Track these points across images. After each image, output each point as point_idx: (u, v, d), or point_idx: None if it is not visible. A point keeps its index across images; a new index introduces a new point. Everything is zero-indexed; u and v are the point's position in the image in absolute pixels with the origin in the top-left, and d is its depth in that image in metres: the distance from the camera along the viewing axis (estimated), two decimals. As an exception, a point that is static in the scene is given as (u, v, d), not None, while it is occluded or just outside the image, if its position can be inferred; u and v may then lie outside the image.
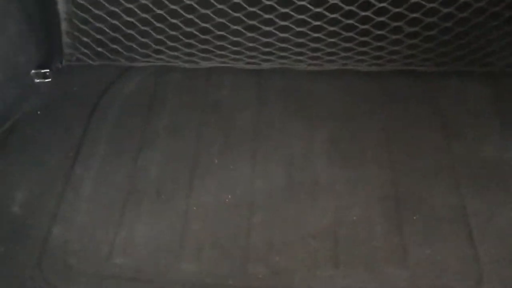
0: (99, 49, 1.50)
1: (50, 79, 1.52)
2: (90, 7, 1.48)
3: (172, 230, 1.13)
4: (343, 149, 1.28)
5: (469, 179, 1.21)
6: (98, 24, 1.48)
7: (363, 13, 1.39)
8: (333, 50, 1.45)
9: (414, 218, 1.13)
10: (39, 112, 1.44)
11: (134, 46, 1.50)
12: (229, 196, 1.19)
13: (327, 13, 1.41)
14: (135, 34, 1.47)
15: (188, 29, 1.46)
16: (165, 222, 1.15)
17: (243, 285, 1.02)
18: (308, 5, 1.40)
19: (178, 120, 1.40)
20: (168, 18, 1.46)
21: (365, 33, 1.43)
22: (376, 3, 1.37)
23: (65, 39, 1.54)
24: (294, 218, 1.14)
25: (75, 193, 1.23)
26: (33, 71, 1.51)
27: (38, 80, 1.51)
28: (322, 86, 1.46)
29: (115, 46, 1.49)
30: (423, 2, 1.36)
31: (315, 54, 1.47)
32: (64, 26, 1.50)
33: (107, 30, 1.48)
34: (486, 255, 1.07)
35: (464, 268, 1.05)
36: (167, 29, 1.47)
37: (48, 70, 1.52)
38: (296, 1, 1.39)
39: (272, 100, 1.43)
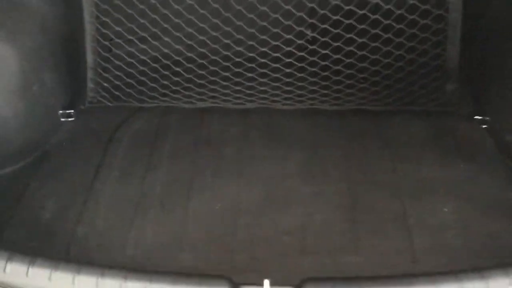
0: (116, 92, 1.83)
1: (74, 118, 1.81)
2: (112, 58, 1.83)
3: (173, 230, 1.39)
4: (310, 170, 1.58)
5: (409, 191, 1.49)
6: (117, 72, 1.83)
7: (323, 63, 1.76)
8: (302, 92, 1.80)
9: (365, 219, 1.41)
10: (64, 143, 1.73)
11: (144, 90, 1.84)
12: (219, 205, 1.46)
13: (296, 63, 1.78)
14: (145, 80, 1.83)
15: (187, 76, 1.82)
16: (167, 225, 1.41)
17: (230, 269, 1.31)
18: (281, 56, 1.78)
19: (177, 150, 1.67)
20: (172, 66, 1.82)
21: (326, 78, 1.79)
22: (332, 54, 1.75)
23: (90, 84, 1.86)
24: (271, 221, 1.42)
25: (94, 203, 1.48)
26: (60, 111, 1.80)
27: (63, 119, 1.80)
28: (295, 122, 1.77)
29: (129, 90, 1.83)
30: (368, 54, 1.74)
31: (288, 96, 1.81)
32: (89, 74, 1.84)
33: (124, 77, 1.83)
34: (420, 244, 1.34)
35: (403, 254, 1.32)
36: (171, 76, 1.82)
37: (72, 111, 1.81)
38: (272, 53, 1.77)
39: (254, 133, 1.73)
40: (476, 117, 1.75)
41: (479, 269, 0.98)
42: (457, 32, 1.83)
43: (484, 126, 1.74)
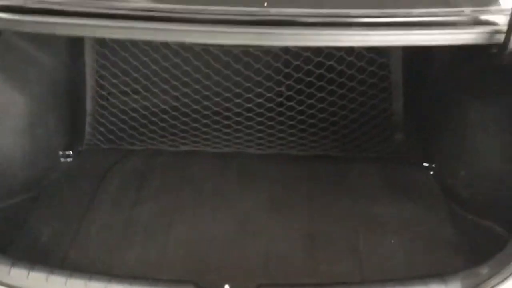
0: (110, 136, 2.04)
1: (71, 158, 2.00)
2: (108, 106, 2.07)
3: (155, 253, 1.57)
4: (277, 206, 1.75)
5: (363, 225, 1.67)
6: (112, 118, 2.05)
7: (289, 113, 2.03)
8: (272, 138, 2.03)
9: (323, 248, 1.59)
10: (62, 180, 1.91)
11: (135, 134, 2.05)
12: (197, 232, 1.65)
13: (266, 113, 2.03)
14: (136, 126, 2.05)
15: (172, 122, 2.05)
16: (150, 248, 1.58)
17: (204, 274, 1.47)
18: (253, 107, 2.03)
19: (162, 187, 1.84)
20: (160, 114, 2.06)
21: (292, 127, 2.03)
22: (297, 106, 2.02)
23: (87, 129, 2.07)
24: (240, 247, 1.59)
25: (86, 230, 1.65)
26: (60, 152, 1.99)
27: (63, 159, 1.99)
28: (265, 165, 1.97)
29: (121, 134, 2.04)
30: (327, 107, 2.01)
31: (260, 141, 2.03)
32: (88, 119, 2.06)
33: (118, 123, 2.05)
34: (369, 269, 1.51)
35: (353, 277, 1.49)
36: (158, 122, 2.05)
37: (71, 152, 2.00)
38: (245, 104, 2.03)
39: (229, 174, 1.91)
40: (424, 164, 1.95)
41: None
42: (400, 90, 2.09)
43: (431, 172, 1.93)
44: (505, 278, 1.18)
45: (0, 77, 1.72)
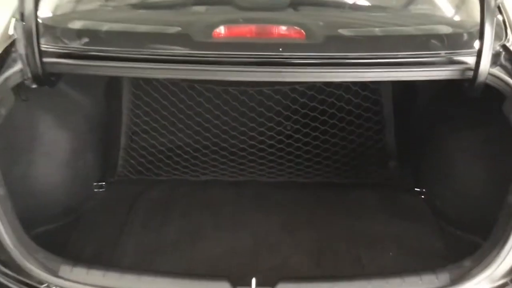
0: (139, 168, 2.30)
1: (104, 189, 2.22)
2: (138, 141, 2.34)
3: (183, 267, 1.77)
4: (288, 225, 1.98)
5: (363, 242, 1.88)
6: (141, 152, 2.31)
7: (296, 144, 2.31)
8: (281, 167, 2.30)
9: (329, 262, 1.80)
10: (97, 207, 2.12)
11: (161, 166, 2.31)
12: (219, 248, 1.85)
13: (277, 144, 2.31)
14: (162, 158, 2.32)
15: (194, 154, 2.32)
16: (178, 263, 1.79)
17: None
18: (266, 139, 2.31)
19: (185, 211, 2.06)
20: (184, 147, 2.33)
21: (299, 156, 2.31)
22: (303, 138, 2.30)
23: (120, 162, 2.32)
24: (256, 262, 1.78)
25: (122, 249, 1.85)
26: (94, 183, 2.21)
27: (96, 190, 2.21)
28: (276, 191, 2.21)
29: (149, 166, 2.30)
30: (329, 138, 2.30)
31: (271, 170, 2.29)
32: (121, 153, 2.32)
33: (147, 156, 2.32)
34: (369, 268, 1.73)
35: (356, 271, 1.71)
36: (182, 154, 2.32)
37: (104, 183, 2.23)
38: (258, 137, 2.31)
39: (244, 199, 2.14)
40: (416, 188, 2.20)
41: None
42: (391, 123, 2.38)
43: (422, 196, 2.17)
44: (484, 268, 1.42)
45: (50, 117, 1.98)
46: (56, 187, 2.00)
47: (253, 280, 1.47)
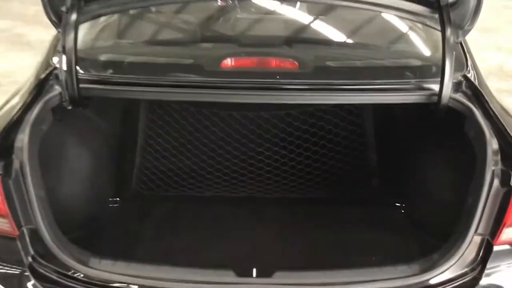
0: (151, 185, 2.57)
1: (118, 204, 2.45)
2: (151, 160, 2.62)
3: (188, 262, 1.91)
4: (283, 235, 2.21)
5: (349, 247, 2.14)
6: (154, 170, 2.59)
7: (291, 163, 2.60)
8: (277, 185, 2.56)
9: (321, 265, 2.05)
10: (112, 219, 2.36)
11: (170, 182, 2.57)
12: (224, 255, 2.05)
13: (273, 163, 2.59)
14: (172, 176, 2.58)
15: (200, 172, 2.60)
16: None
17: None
18: (263, 159, 2.59)
19: (191, 223, 2.30)
20: (190, 165, 2.60)
21: (293, 174, 2.59)
22: (296, 157, 2.59)
23: (134, 179, 2.58)
24: (256, 260, 1.89)
25: (135, 256, 2.02)
26: (110, 198, 2.44)
27: (111, 205, 2.44)
28: (272, 205, 2.46)
29: (159, 183, 2.57)
30: (318, 157, 2.58)
31: (268, 187, 2.56)
32: (135, 171, 2.60)
33: (158, 174, 2.59)
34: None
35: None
36: (189, 172, 2.59)
37: (118, 198, 2.46)
38: (257, 156, 2.60)
39: (243, 213, 2.37)
40: (396, 203, 2.47)
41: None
42: (373, 145, 2.68)
43: (402, 210, 2.44)
44: (448, 260, 1.68)
45: (74, 138, 2.25)
46: (77, 200, 2.22)
47: (254, 270, 1.74)
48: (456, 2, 1.85)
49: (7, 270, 1.67)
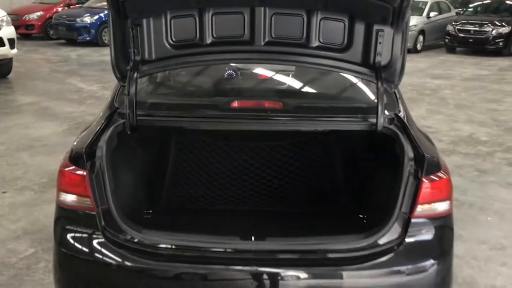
0: (175, 200, 3.44)
1: (150, 216, 3.23)
2: (177, 181, 3.46)
3: None
4: (272, 230, 2.85)
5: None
6: (179, 188, 3.44)
7: (279, 182, 3.46)
8: (269, 200, 3.41)
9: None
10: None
11: (191, 198, 3.40)
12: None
13: (266, 182, 3.45)
14: (191, 193, 3.44)
15: (213, 190, 3.44)
16: None
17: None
18: (259, 178, 3.48)
19: (204, 228, 3.04)
20: (206, 184, 3.46)
21: (278, 193, 3.45)
22: (282, 178, 3.46)
23: (163, 196, 3.41)
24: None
25: None
26: (145, 210, 3.14)
27: (145, 216, 3.15)
28: (268, 215, 3.26)
29: (183, 199, 3.40)
30: (298, 178, 3.46)
31: (261, 201, 3.40)
32: (165, 190, 3.43)
33: (182, 192, 3.43)
34: None
35: None
36: (205, 190, 3.44)
37: (151, 211, 3.20)
38: (254, 177, 3.49)
39: (246, 220, 3.13)
40: (359, 215, 3.23)
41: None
42: (341, 167, 3.53)
43: (364, 221, 3.17)
44: (387, 227, 2.42)
45: (123, 162, 3.01)
46: (124, 204, 2.88)
47: (253, 237, 2.57)
48: (386, 65, 2.79)
49: (88, 232, 2.46)
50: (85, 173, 2.43)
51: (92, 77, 11.21)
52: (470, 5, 18.45)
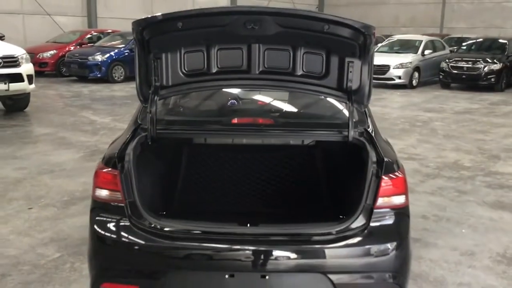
0: (186, 203, 4.04)
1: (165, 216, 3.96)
2: (188, 187, 4.09)
3: None
4: (266, 221, 3.72)
5: None
6: (189, 193, 4.06)
7: (273, 188, 4.09)
8: (266, 202, 4.04)
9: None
10: None
11: (200, 202, 4.00)
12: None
13: (265, 189, 4.07)
14: (200, 198, 4.05)
15: (216, 194, 4.06)
16: None
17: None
18: (259, 181, 4.11)
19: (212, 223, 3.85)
20: (211, 189, 4.09)
21: (273, 196, 4.07)
22: (277, 184, 4.10)
23: (175, 199, 4.03)
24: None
25: None
26: (160, 212, 3.47)
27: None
28: (264, 217, 3.94)
29: (192, 202, 4.02)
30: (288, 183, 4.10)
31: (260, 204, 4.04)
32: (177, 194, 4.07)
33: (192, 196, 4.06)
34: None
35: None
36: (212, 196, 4.05)
37: (164, 212, 3.69)
38: (255, 180, 4.11)
39: (245, 218, 3.87)
40: (340, 216, 3.86)
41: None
42: (324, 176, 4.14)
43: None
44: (355, 215, 3.02)
45: (142, 169, 3.53)
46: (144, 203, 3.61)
47: (248, 224, 3.18)
48: (356, 90, 3.43)
49: (118, 219, 3.06)
50: (117, 173, 3.04)
51: (104, 111, 11.94)
52: (464, 43, 19.29)
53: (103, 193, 3.08)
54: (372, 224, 2.99)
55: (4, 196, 6.04)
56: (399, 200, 3.05)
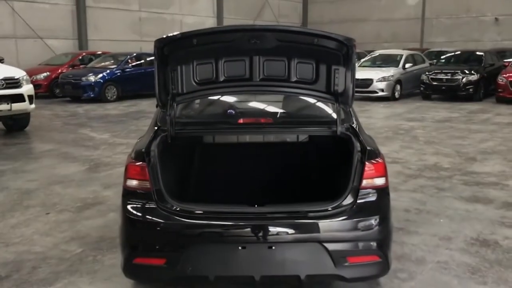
0: (198, 197, 4.59)
1: None
2: (200, 181, 4.69)
3: None
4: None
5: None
6: (202, 187, 4.64)
7: (271, 179, 4.69)
8: (267, 193, 4.63)
9: None
10: None
11: (208, 197, 4.53)
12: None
13: (266, 184, 4.67)
14: (211, 190, 4.63)
15: (222, 187, 4.59)
16: None
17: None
18: (259, 180, 4.71)
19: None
20: (218, 184, 4.67)
21: (275, 187, 4.66)
22: (275, 177, 4.70)
23: (190, 191, 4.57)
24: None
25: None
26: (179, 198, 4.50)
27: None
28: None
29: (202, 196, 4.56)
30: (287, 175, 4.72)
31: (261, 195, 4.63)
32: (191, 188, 4.64)
33: (204, 188, 4.65)
34: None
35: None
36: (221, 188, 4.60)
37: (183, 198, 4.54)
38: (255, 177, 4.71)
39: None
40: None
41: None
42: (316, 166, 4.75)
43: None
44: (345, 194, 3.66)
45: (163, 163, 4.05)
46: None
47: (255, 205, 3.76)
48: (342, 92, 4.05)
49: (146, 203, 3.63)
50: (145, 165, 3.63)
51: (101, 128, 12.48)
52: (442, 56, 20.17)
53: (134, 182, 3.65)
54: (358, 201, 3.59)
55: (21, 204, 6.55)
56: (380, 181, 3.66)
